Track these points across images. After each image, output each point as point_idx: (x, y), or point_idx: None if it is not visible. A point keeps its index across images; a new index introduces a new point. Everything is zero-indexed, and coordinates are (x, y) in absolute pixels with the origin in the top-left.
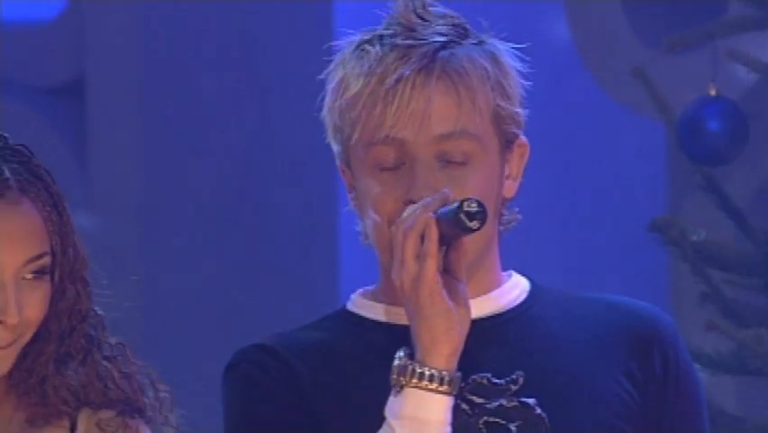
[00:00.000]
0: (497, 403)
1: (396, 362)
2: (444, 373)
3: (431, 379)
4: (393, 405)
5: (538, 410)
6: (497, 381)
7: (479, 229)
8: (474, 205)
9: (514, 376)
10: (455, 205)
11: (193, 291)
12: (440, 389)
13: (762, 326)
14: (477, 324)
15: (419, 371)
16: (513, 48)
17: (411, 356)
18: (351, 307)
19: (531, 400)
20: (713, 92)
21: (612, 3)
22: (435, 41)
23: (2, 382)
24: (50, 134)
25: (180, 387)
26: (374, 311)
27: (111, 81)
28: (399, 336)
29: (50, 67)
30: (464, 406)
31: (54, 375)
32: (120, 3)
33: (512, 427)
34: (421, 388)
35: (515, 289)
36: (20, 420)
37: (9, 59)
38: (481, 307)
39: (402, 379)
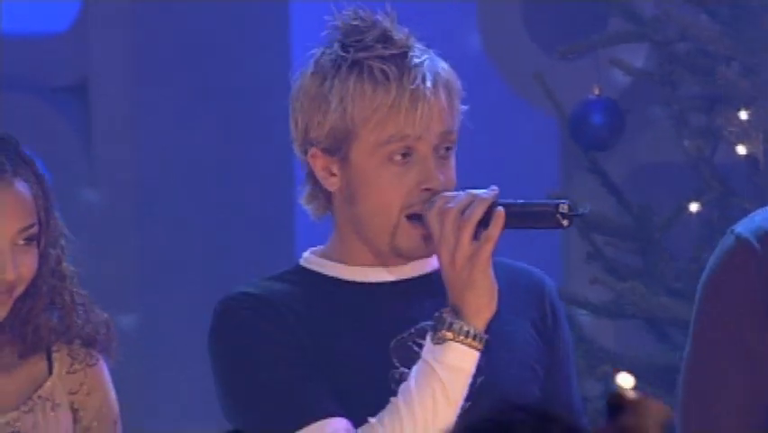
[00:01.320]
0: None
1: (447, 320)
2: (483, 334)
3: (474, 337)
4: (435, 352)
5: None
6: None
7: (567, 227)
8: (566, 207)
9: None
10: (548, 204)
11: (178, 252)
12: (477, 346)
13: (635, 279)
14: (421, 279)
15: (466, 329)
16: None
17: (455, 316)
18: (305, 264)
19: None
20: (597, 92)
21: (514, 16)
22: (426, 58)
23: None
24: (60, 126)
25: (169, 329)
26: (329, 268)
27: (111, 82)
28: (351, 290)
29: (61, 70)
30: (415, 348)
31: (44, 323)
32: (119, 19)
33: None
34: (464, 343)
35: None
36: (11, 355)
37: (27, 63)
38: (423, 265)
39: (449, 334)
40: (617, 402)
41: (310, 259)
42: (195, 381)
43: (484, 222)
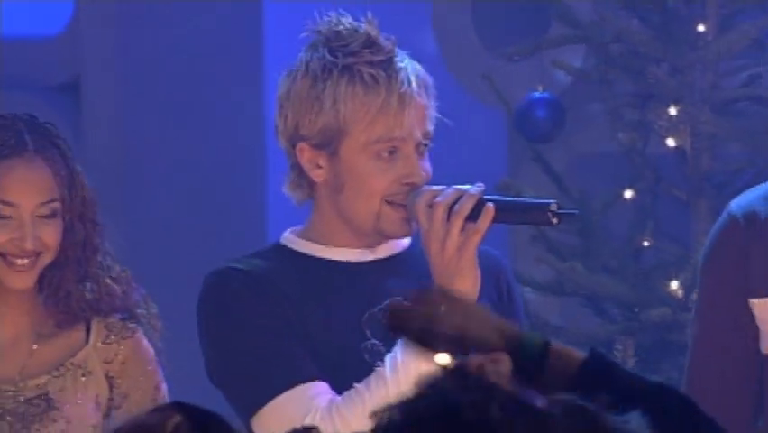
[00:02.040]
0: None
1: None
2: None
3: None
4: None
5: None
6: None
7: (556, 225)
8: (555, 206)
9: None
10: (540, 203)
11: (162, 238)
12: None
13: (576, 259)
14: (392, 259)
15: None
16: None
17: None
18: (285, 243)
19: None
20: (540, 89)
21: (465, 20)
22: (407, 62)
23: (34, 300)
24: (54, 122)
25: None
26: (308, 247)
27: (101, 81)
28: (327, 267)
29: (54, 70)
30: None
31: (76, 292)
32: (109, 22)
33: None
34: None
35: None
36: (50, 325)
37: (24, 64)
38: (395, 247)
39: None
40: (396, 314)
41: (290, 238)
42: (185, 369)
43: (470, 216)
